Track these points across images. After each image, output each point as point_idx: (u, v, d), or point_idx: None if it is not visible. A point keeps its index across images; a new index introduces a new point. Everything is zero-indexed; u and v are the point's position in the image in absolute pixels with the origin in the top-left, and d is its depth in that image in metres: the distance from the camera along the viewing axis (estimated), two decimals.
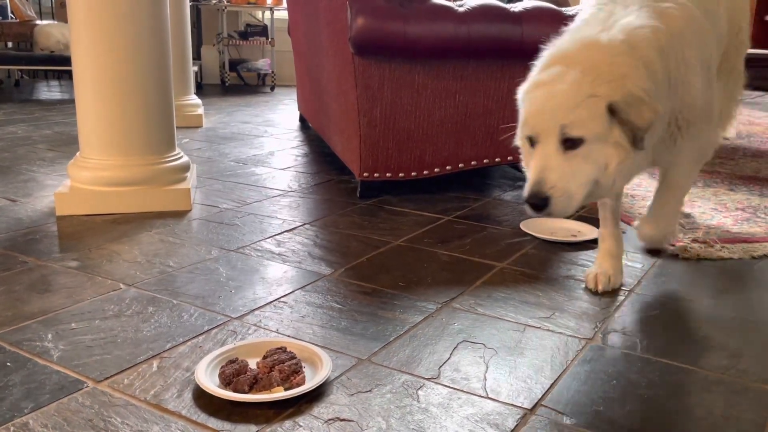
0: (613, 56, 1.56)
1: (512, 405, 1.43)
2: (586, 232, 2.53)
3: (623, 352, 1.67)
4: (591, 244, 2.46)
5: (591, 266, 2.18)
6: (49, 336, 1.70)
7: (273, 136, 4.82)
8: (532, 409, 1.42)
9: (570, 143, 1.55)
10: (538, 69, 1.66)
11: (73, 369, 1.54)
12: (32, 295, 1.95)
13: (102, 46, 2.67)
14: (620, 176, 1.63)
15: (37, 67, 7.33)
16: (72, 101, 6.53)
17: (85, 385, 1.48)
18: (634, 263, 2.25)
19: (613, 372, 1.58)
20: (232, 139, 4.65)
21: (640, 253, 2.35)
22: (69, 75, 8.04)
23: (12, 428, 1.32)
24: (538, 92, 1.60)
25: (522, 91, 1.67)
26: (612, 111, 1.53)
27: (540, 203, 1.56)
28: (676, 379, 1.54)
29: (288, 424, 1.35)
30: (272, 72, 8.05)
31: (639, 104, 1.51)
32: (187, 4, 5.09)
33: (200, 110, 5.26)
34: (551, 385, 1.51)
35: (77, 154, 2.89)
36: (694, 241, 2.46)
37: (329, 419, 1.37)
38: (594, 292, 2.00)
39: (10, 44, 7.64)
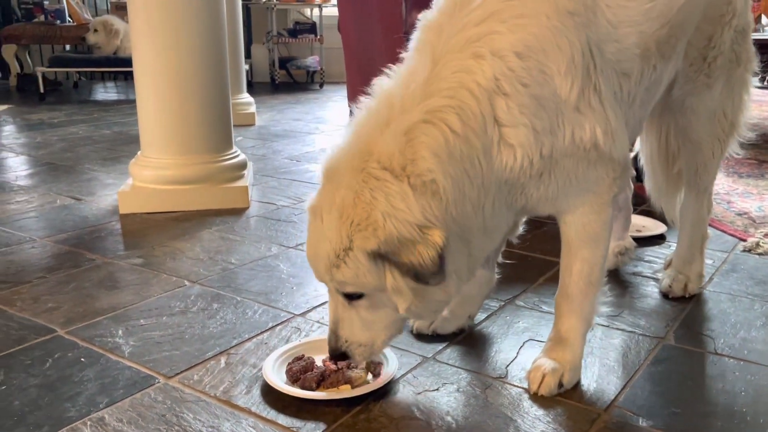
0: (369, 187, 1.22)
1: (585, 406, 1.39)
2: (651, 227, 2.46)
3: (698, 352, 1.61)
4: (656, 239, 2.39)
5: (664, 267, 2.11)
6: (120, 332, 1.73)
7: (324, 133, 4.85)
8: (606, 410, 1.38)
9: (351, 296, 1.33)
10: (321, 177, 1.35)
11: (144, 364, 1.57)
12: (101, 291, 2.00)
13: (162, 48, 2.71)
14: (426, 307, 1.33)
15: (94, 69, 7.54)
16: (128, 101, 6.70)
17: (157, 380, 1.50)
18: (705, 259, 2.17)
19: (689, 372, 1.52)
20: (285, 137, 4.69)
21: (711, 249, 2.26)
22: (125, 76, 8.25)
23: (89, 423, 1.35)
24: (309, 235, 1.35)
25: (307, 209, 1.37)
26: (379, 256, 1.23)
27: (341, 358, 1.40)
28: (756, 380, 1.48)
29: (357, 422, 1.35)
30: (321, 69, 8.09)
31: (407, 245, 1.20)
32: (239, 3, 5.15)
33: (252, 108, 5.33)
34: (624, 386, 1.46)
35: (138, 153, 2.95)
36: (767, 236, 2.37)
37: (398, 417, 1.36)
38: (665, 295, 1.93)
39: (68, 47, 7.87)
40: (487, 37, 1.26)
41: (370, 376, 1.48)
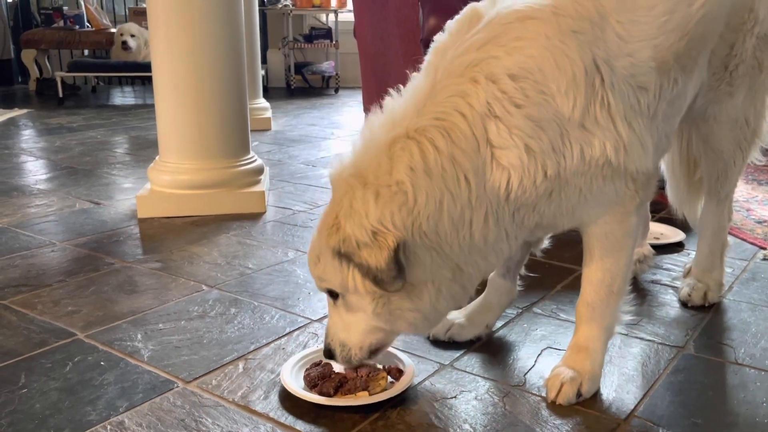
0: (341, 193, 1.31)
1: (604, 415, 1.38)
2: (670, 234, 2.44)
3: (718, 361, 1.59)
4: (675, 247, 2.37)
5: (683, 276, 2.09)
6: (139, 336, 1.75)
7: (340, 138, 4.86)
8: (626, 420, 1.37)
9: (333, 294, 1.39)
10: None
11: (163, 369, 1.58)
12: (120, 295, 2.01)
13: (180, 53, 2.73)
14: (395, 315, 1.34)
15: (112, 74, 7.61)
16: (146, 106, 6.76)
17: (176, 385, 1.51)
18: (725, 268, 2.14)
19: (709, 382, 1.51)
20: (300, 142, 4.71)
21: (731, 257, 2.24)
22: (142, 81, 8.33)
23: (109, 426, 1.36)
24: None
25: None
26: (342, 255, 1.29)
27: (328, 355, 1.46)
28: None
29: (375, 428, 1.35)
30: (337, 74, 8.12)
31: (360, 248, 1.25)
32: (257, 9, 5.19)
33: (268, 113, 5.35)
34: (643, 396, 1.45)
35: (157, 158, 2.98)
36: None
37: (416, 425, 1.36)
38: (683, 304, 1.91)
39: (86, 52, 7.96)
40: (485, 62, 1.28)
41: (389, 382, 1.48)
